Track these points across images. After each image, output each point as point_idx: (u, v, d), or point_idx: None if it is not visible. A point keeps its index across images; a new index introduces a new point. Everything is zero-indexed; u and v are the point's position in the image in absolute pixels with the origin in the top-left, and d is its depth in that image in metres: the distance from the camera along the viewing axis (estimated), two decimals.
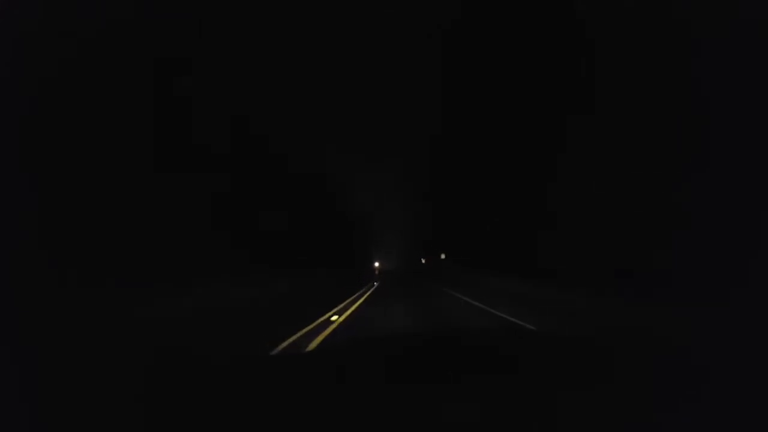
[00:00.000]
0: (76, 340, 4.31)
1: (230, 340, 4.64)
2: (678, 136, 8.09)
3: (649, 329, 5.20)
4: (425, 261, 48.57)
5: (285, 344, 4.35)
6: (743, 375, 0.85)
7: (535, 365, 0.93)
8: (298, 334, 4.89)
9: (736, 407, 0.70)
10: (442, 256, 44.91)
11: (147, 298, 6.31)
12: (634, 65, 9.19)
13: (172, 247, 8.50)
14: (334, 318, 6.48)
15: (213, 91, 11.81)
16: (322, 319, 6.33)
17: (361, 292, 12.77)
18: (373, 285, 16.97)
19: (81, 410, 0.85)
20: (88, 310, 5.21)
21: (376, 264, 64.71)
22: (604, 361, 0.99)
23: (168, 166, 8.96)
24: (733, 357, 0.97)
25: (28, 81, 5.93)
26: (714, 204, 7.07)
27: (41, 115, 6.14)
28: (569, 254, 11.54)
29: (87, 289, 5.78)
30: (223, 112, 12.08)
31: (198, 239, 9.67)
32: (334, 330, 5.35)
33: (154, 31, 8.61)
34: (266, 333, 5.11)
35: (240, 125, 13.18)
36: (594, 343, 1.30)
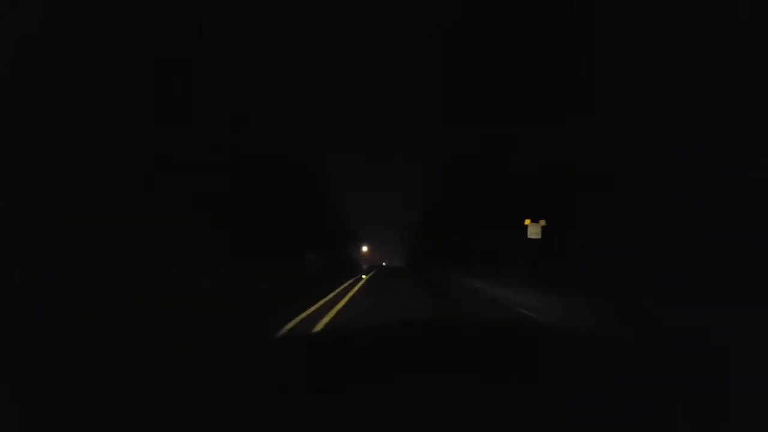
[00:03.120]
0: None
1: None
2: (678, 134, 8.09)
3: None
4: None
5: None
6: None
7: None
8: None
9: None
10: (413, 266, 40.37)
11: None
12: (634, 66, 9.18)
13: (167, 244, 8.50)
14: None
15: (213, 90, 11.80)
16: None
17: None
18: None
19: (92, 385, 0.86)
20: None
21: (365, 249, 52.23)
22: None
23: (168, 165, 8.96)
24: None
25: (28, 81, 5.93)
26: (712, 204, 7.07)
27: (41, 115, 6.14)
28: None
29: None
30: (222, 111, 12.08)
31: (195, 239, 9.66)
32: None
33: (154, 31, 8.61)
34: None
35: (240, 125, 13.19)
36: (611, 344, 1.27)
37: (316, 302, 6.88)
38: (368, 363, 0.89)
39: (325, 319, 5.33)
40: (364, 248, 55.09)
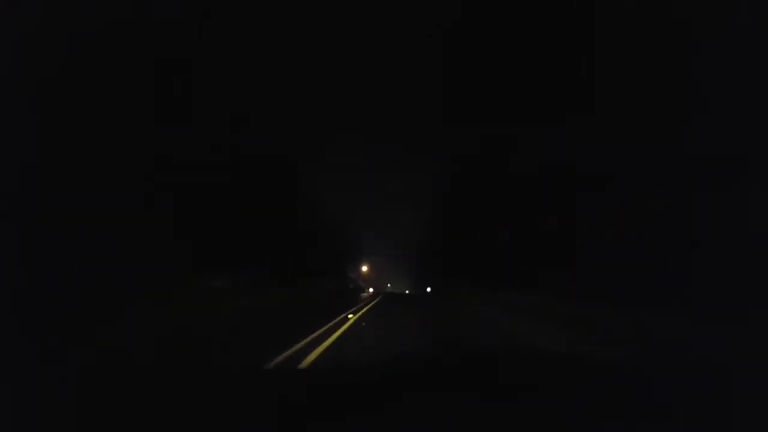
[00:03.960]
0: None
1: None
2: (678, 136, 8.08)
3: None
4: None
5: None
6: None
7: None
8: None
9: None
10: (428, 289, 36.53)
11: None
12: (634, 66, 9.17)
13: (168, 248, 8.49)
14: None
15: (212, 90, 11.80)
16: None
17: None
18: None
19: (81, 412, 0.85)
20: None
21: (364, 269, 43.29)
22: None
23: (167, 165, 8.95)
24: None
25: (29, 81, 5.93)
26: (711, 204, 7.06)
27: (41, 115, 6.14)
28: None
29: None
30: (222, 112, 12.09)
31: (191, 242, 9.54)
32: None
33: (154, 31, 8.60)
34: None
35: (239, 126, 13.16)
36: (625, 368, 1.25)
37: None
38: None
39: None
40: (364, 268, 46.31)
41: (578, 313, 7.80)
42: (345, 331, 6.52)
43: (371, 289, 42.72)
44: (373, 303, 13.88)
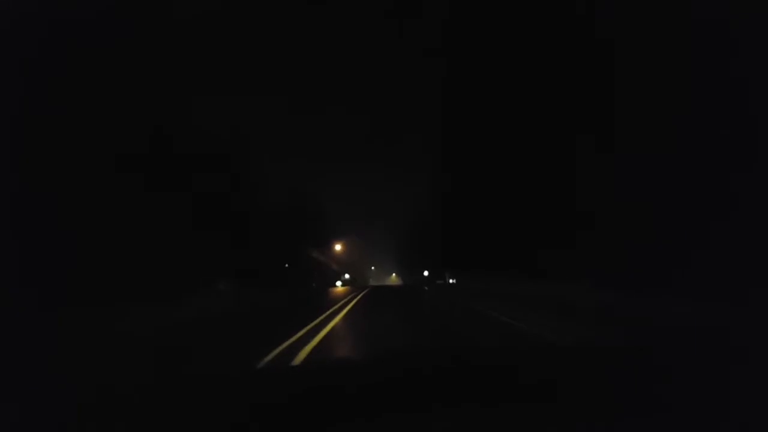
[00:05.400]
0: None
1: None
2: (678, 135, 8.07)
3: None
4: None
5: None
6: None
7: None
8: None
9: None
10: (425, 273, 36.04)
11: None
12: (635, 65, 9.15)
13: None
14: None
15: (210, 93, 11.70)
16: None
17: None
18: None
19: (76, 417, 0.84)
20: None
21: (338, 248, 33.66)
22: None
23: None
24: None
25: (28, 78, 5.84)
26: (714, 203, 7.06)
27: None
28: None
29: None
30: (223, 118, 11.96)
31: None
32: None
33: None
34: None
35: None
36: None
37: None
38: None
39: None
40: (338, 247, 35.31)
41: None
42: None
43: (346, 275, 32.11)
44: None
